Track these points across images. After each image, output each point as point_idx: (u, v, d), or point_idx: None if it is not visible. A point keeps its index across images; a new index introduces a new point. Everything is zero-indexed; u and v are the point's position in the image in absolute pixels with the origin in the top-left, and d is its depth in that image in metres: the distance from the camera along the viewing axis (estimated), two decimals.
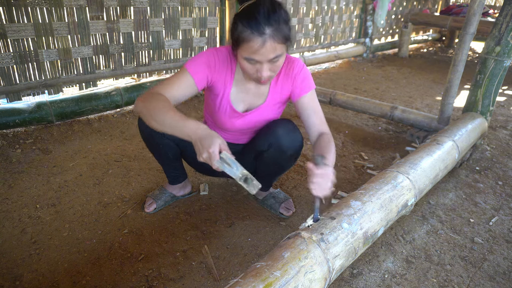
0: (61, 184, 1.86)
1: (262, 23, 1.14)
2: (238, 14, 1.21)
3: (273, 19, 1.16)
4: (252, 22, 1.15)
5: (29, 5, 2.29)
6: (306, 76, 1.43)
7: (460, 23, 4.99)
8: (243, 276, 0.94)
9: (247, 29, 1.16)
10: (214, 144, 1.11)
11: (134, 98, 2.79)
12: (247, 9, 1.19)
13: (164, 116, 1.17)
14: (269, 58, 1.19)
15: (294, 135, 1.43)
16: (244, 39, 1.17)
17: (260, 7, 1.16)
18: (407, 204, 1.45)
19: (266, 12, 1.15)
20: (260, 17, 1.15)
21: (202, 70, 1.35)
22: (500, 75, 2.17)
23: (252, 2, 1.19)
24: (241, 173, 1.16)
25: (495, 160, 2.35)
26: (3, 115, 2.23)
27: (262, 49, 1.16)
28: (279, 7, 1.19)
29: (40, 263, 1.37)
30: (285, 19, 1.19)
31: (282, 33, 1.18)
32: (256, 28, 1.15)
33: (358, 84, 4.09)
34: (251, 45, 1.17)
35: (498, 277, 1.42)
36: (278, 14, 1.17)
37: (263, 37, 1.15)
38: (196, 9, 3.19)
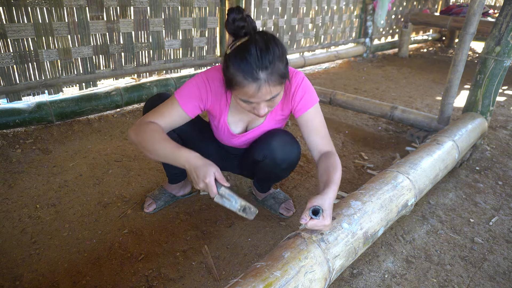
0: (61, 184, 1.86)
1: (254, 68, 1.06)
2: (229, 55, 1.11)
3: (267, 60, 1.06)
4: (244, 67, 1.06)
5: (29, 5, 2.29)
6: (306, 92, 1.33)
7: (460, 23, 4.99)
8: (243, 276, 0.94)
9: (240, 74, 1.08)
10: (210, 175, 1.13)
11: (134, 98, 2.79)
12: (238, 50, 1.09)
13: (157, 147, 1.19)
14: (266, 99, 1.13)
15: (290, 148, 1.40)
16: (237, 84, 1.10)
17: (251, 47, 1.06)
18: (407, 204, 1.45)
19: (258, 53, 1.06)
20: (252, 60, 1.06)
21: (193, 101, 1.29)
22: (500, 75, 2.17)
23: (243, 41, 1.09)
24: (240, 205, 1.19)
25: (495, 160, 2.35)
26: (3, 115, 2.23)
27: (258, 93, 1.10)
28: (273, 43, 1.09)
29: (40, 263, 1.37)
30: (279, 56, 1.10)
31: (277, 74, 1.10)
32: (249, 73, 1.06)
33: (358, 84, 4.09)
34: (245, 91, 1.10)
35: (498, 277, 1.42)
36: (271, 52, 1.08)
37: (258, 82, 1.07)
38: (196, 9, 3.19)
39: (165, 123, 1.28)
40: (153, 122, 1.26)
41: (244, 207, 1.20)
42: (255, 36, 1.09)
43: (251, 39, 1.09)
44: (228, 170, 1.74)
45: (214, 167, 1.16)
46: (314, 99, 1.35)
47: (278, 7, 3.98)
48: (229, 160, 1.67)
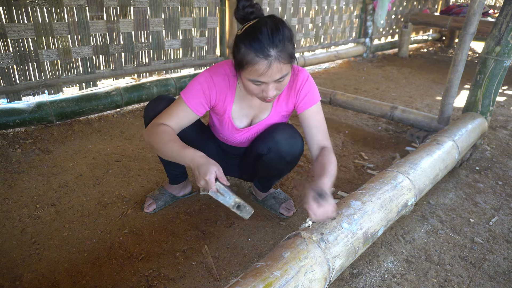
0: (61, 184, 1.86)
1: (266, 45, 1.10)
2: (240, 36, 1.15)
3: (277, 39, 1.11)
4: (256, 44, 1.10)
5: (29, 5, 2.29)
6: (310, 90, 1.38)
7: (460, 23, 5.00)
8: (243, 276, 0.94)
9: (251, 52, 1.11)
10: (210, 172, 1.17)
11: (134, 98, 2.79)
12: (249, 30, 1.13)
13: (165, 147, 1.27)
14: (275, 79, 1.16)
15: (294, 141, 1.42)
16: (248, 62, 1.13)
17: (263, 27, 1.11)
18: (407, 204, 1.45)
19: (269, 33, 1.10)
20: (263, 38, 1.10)
21: (198, 99, 1.33)
22: (500, 75, 2.17)
23: (254, 22, 1.15)
24: (234, 202, 1.23)
25: (495, 160, 2.35)
26: (3, 115, 2.23)
27: (268, 71, 1.13)
28: (282, 25, 1.14)
29: (40, 263, 1.37)
30: (289, 37, 1.15)
31: (287, 53, 1.14)
32: (260, 50, 1.10)
33: (358, 84, 4.09)
34: (256, 68, 1.12)
35: (498, 277, 1.42)
36: (282, 33, 1.12)
37: (269, 59, 1.11)
38: (196, 9, 3.19)
39: (175, 123, 1.34)
40: (163, 124, 1.32)
41: (239, 204, 1.23)
42: (265, 19, 1.15)
43: (262, 20, 1.14)
44: (228, 173, 1.74)
45: (216, 166, 1.20)
46: (317, 97, 1.41)
47: (278, 7, 3.98)
48: (229, 162, 1.67)
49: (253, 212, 1.27)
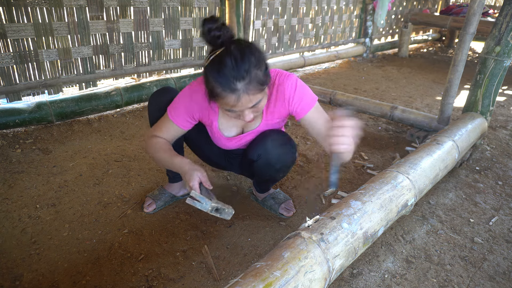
0: (61, 184, 1.86)
1: (232, 79, 1.07)
2: (207, 67, 1.13)
3: (243, 70, 1.07)
4: (221, 79, 1.08)
5: (29, 5, 2.29)
6: (303, 95, 1.33)
7: (460, 23, 4.99)
8: (243, 276, 0.94)
9: (218, 86, 1.09)
10: (194, 179, 1.27)
11: (134, 98, 2.79)
12: (214, 62, 1.10)
13: (158, 157, 1.39)
14: (248, 107, 1.15)
15: (284, 149, 1.40)
16: (217, 95, 1.12)
17: (227, 59, 1.07)
18: (407, 204, 1.45)
19: (234, 64, 1.07)
20: (228, 72, 1.07)
21: (182, 116, 1.37)
22: (500, 75, 2.17)
23: (219, 53, 1.10)
24: (211, 206, 1.30)
25: (495, 160, 2.35)
26: (3, 115, 2.23)
27: (238, 103, 1.12)
28: (249, 51, 1.10)
29: (40, 263, 1.37)
30: (256, 64, 1.10)
31: (256, 82, 1.10)
32: (226, 85, 1.08)
33: (358, 84, 4.09)
34: (226, 101, 1.12)
35: (498, 277, 1.42)
36: (248, 62, 1.08)
37: (236, 93, 1.09)
38: (196, 9, 3.20)
39: (166, 136, 1.42)
40: (156, 136, 1.41)
41: (216, 207, 1.31)
42: (230, 47, 1.10)
43: (226, 50, 1.10)
44: (231, 170, 1.75)
45: (199, 171, 1.29)
46: (312, 99, 1.35)
47: (278, 7, 3.98)
48: (230, 160, 1.68)
49: (234, 213, 1.35)
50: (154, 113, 1.50)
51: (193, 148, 1.67)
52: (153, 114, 1.51)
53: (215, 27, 1.12)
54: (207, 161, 1.75)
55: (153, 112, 1.51)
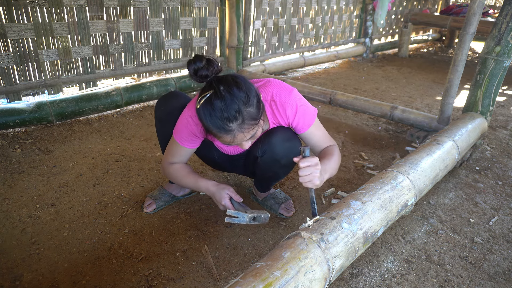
0: (61, 184, 1.86)
1: (224, 121, 1.10)
2: (199, 110, 1.15)
3: (234, 111, 1.09)
4: (214, 122, 1.11)
5: (29, 5, 2.29)
6: (303, 114, 1.36)
7: (460, 23, 4.99)
8: (243, 276, 0.94)
9: (212, 128, 1.13)
10: (224, 197, 1.36)
11: (134, 98, 2.79)
12: (205, 105, 1.12)
13: (183, 182, 1.49)
14: (244, 140, 1.20)
15: (290, 144, 1.41)
16: (213, 135, 1.17)
17: (216, 102, 1.09)
18: (407, 204, 1.45)
19: (224, 107, 1.08)
20: (220, 115, 1.09)
21: (188, 138, 1.41)
22: (500, 75, 2.17)
23: (208, 95, 1.12)
24: (248, 218, 1.36)
25: (495, 160, 2.35)
26: (3, 115, 2.23)
27: (234, 140, 1.16)
28: (236, 89, 1.10)
29: (40, 263, 1.37)
30: (246, 101, 1.11)
31: (249, 119, 1.13)
32: (221, 127, 1.12)
33: (358, 84, 4.09)
34: (222, 140, 1.18)
35: (498, 277, 1.42)
36: (237, 101, 1.09)
37: (231, 133, 1.13)
38: (196, 9, 3.19)
39: (180, 159, 1.49)
40: (172, 163, 1.49)
41: (253, 217, 1.38)
42: (219, 88, 1.11)
43: (215, 92, 1.11)
44: (235, 171, 1.75)
45: (227, 189, 1.37)
46: (312, 116, 1.40)
47: (278, 7, 3.98)
48: (233, 162, 1.68)
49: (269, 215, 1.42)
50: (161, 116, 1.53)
51: (196, 151, 1.67)
52: (161, 119, 1.55)
53: (201, 66, 1.14)
54: (210, 164, 1.75)
55: (160, 115, 1.54)
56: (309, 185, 1.21)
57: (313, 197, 1.28)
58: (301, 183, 1.21)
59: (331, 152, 1.38)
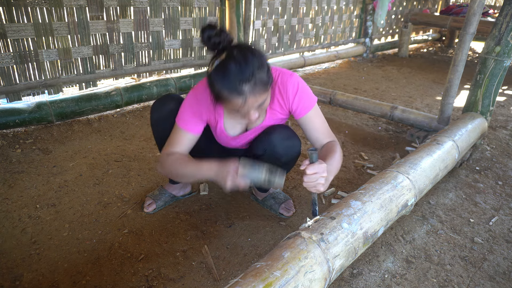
0: (61, 184, 1.86)
1: (237, 83, 1.10)
2: (211, 74, 1.16)
3: (248, 73, 1.10)
4: (227, 83, 1.11)
5: (29, 5, 2.29)
6: (303, 96, 1.37)
7: (460, 23, 4.99)
8: (243, 276, 0.94)
9: (224, 91, 1.13)
10: (230, 173, 1.20)
11: (134, 98, 2.79)
12: (219, 68, 1.13)
13: (182, 172, 1.32)
14: (254, 107, 1.19)
15: (290, 142, 1.42)
16: (224, 99, 1.16)
17: (231, 64, 1.10)
18: (407, 204, 1.45)
19: (238, 69, 1.10)
20: (233, 77, 1.10)
21: (192, 121, 1.38)
22: (500, 75, 2.17)
23: (222, 59, 1.14)
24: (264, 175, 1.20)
25: (495, 160, 2.35)
26: (3, 115, 2.23)
27: (245, 105, 1.15)
28: (251, 54, 1.13)
29: (40, 263, 1.37)
30: (259, 66, 1.13)
31: (261, 84, 1.14)
32: (233, 89, 1.11)
33: (358, 84, 4.09)
34: (232, 104, 1.16)
35: (498, 277, 1.42)
36: (251, 65, 1.11)
37: (243, 96, 1.12)
38: (196, 9, 3.19)
39: (181, 149, 1.40)
40: (170, 154, 1.38)
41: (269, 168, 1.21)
42: (232, 51, 1.13)
43: (229, 54, 1.13)
44: None
45: (231, 164, 1.22)
46: (312, 100, 1.40)
47: (278, 7, 3.98)
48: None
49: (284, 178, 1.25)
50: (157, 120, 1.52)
51: (193, 154, 1.66)
52: (157, 124, 1.53)
53: (214, 33, 1.15)
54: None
55: (156, 119, 1.52)
56: (313, 190, 1.20)
57: (315, 199, 1.27)
58: (308, 188, 1.19)
59: (334, 149, 1.35)
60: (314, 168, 1.14)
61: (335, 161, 1.30)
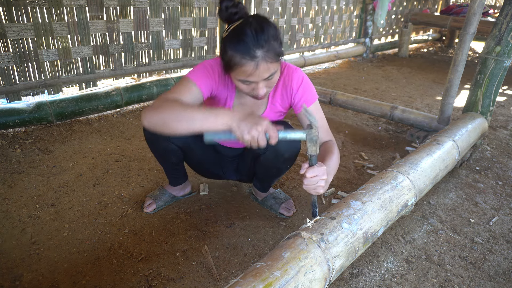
0: (61, 184, 1.86)
1: (251, 46, 1.11)
2: (226, 38, 1.17)
3: (262, 39, 1.12)
4: (241, 46, 1.12)
5: (29, 5, 2.29)
6: (307, 90, 1.39)
7: (460, 23, 4.99)
8: (243, 276, 0.94)
9: (237, 54, 1.13)
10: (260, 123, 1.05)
11: (134, 98, 2.79)
12: (234, 32, 1.15)
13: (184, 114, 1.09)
14: (264, 77, 1.18)
15: None
16: (235, 64, 1.15)
17: (247, 29, 1.12)
18: (407, 204, 1.45)
19: (254, 33, 1.11)
20: (248, 40, 1.11)
21: (207, 81, 1.31)
22: (500, 75, 2.17)
23: (238, 24, 1.15)
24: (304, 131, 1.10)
25: (495, 160, 2.35)
26: (3, 115, 2.22)
27: (256, 71, 1.15)
28: (267, 24, 1.15)
29: (40, 263, 1.37)
30: (274, 36, 1.15)
31: (273, 52, 1.15)
32: (246, 52, 1.12)
33: (358, 84, 4.09)
34: (244, 69, 1.15)
35: (498, 277, 1.42)
36: (266, 32, 1.13)
37: (255, 60, 1.13)
38: (196, 9, 3.19)
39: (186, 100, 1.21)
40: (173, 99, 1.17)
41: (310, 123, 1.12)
42: (248, 19, 1.16)
43: (246, 21, 1.15)
44: (227, 177, 1.75)
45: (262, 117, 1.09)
46: (314, 96, 1.42)
47: (278, 7, 3.98)
48: (226, 165, 1.68)
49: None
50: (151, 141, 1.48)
51: (189, 161, 1.67)
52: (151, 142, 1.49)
53: (231, 4, 1.18)
54: (203, 173, 1.75)
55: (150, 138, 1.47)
56: (313, 193, 1.20)
57: (315, 201, 1.27)
58: (308, 190, 1.19)
59: (332, 150, 1.35)
60: (314, 171, 1.14)
61: (333, 162, 1.30)
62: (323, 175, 1.16)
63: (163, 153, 1.53)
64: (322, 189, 1.18)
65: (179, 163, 1.63)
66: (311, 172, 1.14)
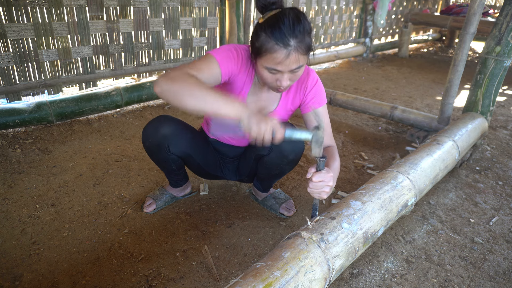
0: (61, 184, 1.86)
1: (287, 34, 1.13)
2: (262, 24, 1.18)
3: (298, 30, 1.14)
4: (277, 33, 1.13)
5: (29, 5, 2.29)
6: (319, 91, 1.43)
7: (460, 23, 4.99)
8: (243, 276, 0.94)
9: (271, 40, 1.14)
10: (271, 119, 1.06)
11: (134, 98, 2.79)
12: (271, 19, 1.16)
13: (205, 93, 1.06)
14: (291, 68, 1.19)
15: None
16: (267, 50, 1.16)
17: (285, 18, 1.14)
18: (407, 204, 1.45)
19: (291, 23, 1.13)
20: (285, 28, 1.13)
21: (228, 62, 1.27)
22: (500, 75, 2.17)
23: (276, 12, 1.17)
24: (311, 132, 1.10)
25: (495, 160, 2.35)
26: (3, 115, 2.22)
27: (286, 60, 1.16)
28: (303, 17, 1.17)
29: (40, 263, 1.37)
30: (308, 30, 1.18)
31: (306, 44, 1.17)
32: (281, 39, 1.13)
33: (358, 84, 4.09)
34: (275, 56, 1.16)
35: (498, 277, 1.42)
36: (302, 24, 1.15)
37: (288, 49, 1.14)
38: (196, 9, 3.19)
39: (204, 79, 1.18)
40: (192, 74, 1.13)
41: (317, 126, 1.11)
42: (286, 10, 1.18)
43: (284, 11, 1.17)
44: (226, 178, 1.74)
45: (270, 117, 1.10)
46: (324, 99, 1.45)
47: None
48: (227, 166, 1.68)
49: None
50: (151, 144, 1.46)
51: (189, 166, 1.66)
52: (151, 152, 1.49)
53: None
54: (203, 176, 1.75)
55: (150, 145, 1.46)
56: (316, 196, 1.20)
57: (316, 204, 1.25)
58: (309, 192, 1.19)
59: (334, 156, 1.36)
60: (320, 176, 1.15)
61: (336, 169, 1.31)
62: (329, 182, 1.16)
63: (163, 162, 1.54)
64: (326, 194, 1.19)
65: (180, 169, 1.63)
66: (317, 177, 1.15)
